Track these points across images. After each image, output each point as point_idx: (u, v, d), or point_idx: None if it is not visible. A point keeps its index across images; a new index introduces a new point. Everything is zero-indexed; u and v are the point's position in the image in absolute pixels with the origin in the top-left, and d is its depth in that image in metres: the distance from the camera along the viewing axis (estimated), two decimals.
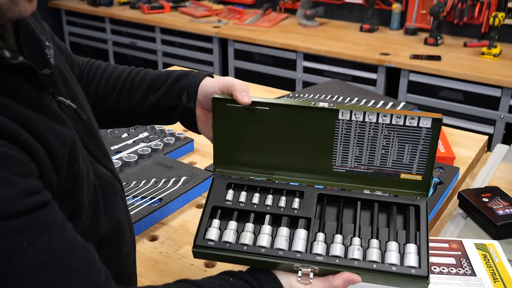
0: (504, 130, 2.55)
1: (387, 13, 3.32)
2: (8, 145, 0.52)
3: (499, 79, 2.47)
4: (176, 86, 0.90)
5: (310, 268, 0.74)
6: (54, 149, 0.59)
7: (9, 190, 0.51)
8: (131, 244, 0.83)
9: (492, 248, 0.97)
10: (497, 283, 0.87)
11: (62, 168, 0.60)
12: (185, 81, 0.90)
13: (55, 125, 0.61)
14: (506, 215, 1.08)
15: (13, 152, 0.52)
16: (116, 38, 3.90)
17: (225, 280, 0.73)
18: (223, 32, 3.29)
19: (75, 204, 0.64)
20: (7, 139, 0.52)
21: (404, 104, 1.74)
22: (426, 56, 2.73)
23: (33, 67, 0.59)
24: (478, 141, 1.55)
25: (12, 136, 0.53)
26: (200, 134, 0.93)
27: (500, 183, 1.29)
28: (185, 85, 0.89)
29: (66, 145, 0.61)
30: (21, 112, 0.56)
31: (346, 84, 1.99)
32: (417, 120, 0.78)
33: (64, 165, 0.61)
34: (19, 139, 0.54)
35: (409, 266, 0.73)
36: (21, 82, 0.59)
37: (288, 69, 3.14)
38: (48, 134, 0.58)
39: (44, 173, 0.57)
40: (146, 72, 0.95)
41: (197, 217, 1.15)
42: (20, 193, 0.51)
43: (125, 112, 0.94)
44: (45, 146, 0.57)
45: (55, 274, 0.54)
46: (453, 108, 2.66)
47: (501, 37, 2.92)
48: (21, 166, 0.53)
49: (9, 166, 0.51)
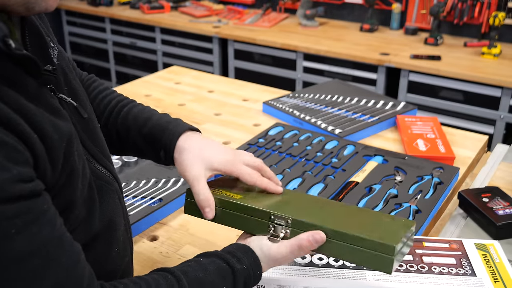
0: (504, 130, 2.55)
1: (387, 13, 3.32)
2: (5, 132, 0.53)
3: (499, 79, 2.47)
4: (154, 145, 0.88)
5: (281, 228, 0.77)
6: (51, 142, 0.59)
7: (2, 175, 0.51)
8: (127, 244, 0.84)
9: (492, 248, 0.97)
10: (497, 283, 0.87)
11: (58, 161, 0.61)
12: (160, 138, 0.87)
13: (54, 119, 0.62)
14: (506, 215, 1.08)
15: (10, 139, 0.53)
16: (116, 38, 3.89)
17: (195, 260, 0.75)
18: (223, 32, 3.29)
19: (68, 198, 0.64)
20: (5, 126, 0.54)
21: (404, 104, 1.74)
22: (426, 56, 2.72)
23: (36, 61, 0.60)
24: (478, 141, 1.55)
25: (10, 124, 0.54)
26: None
27: (500, 183, 1.29)
28: (161, 144, 0.87)
29: (63, 139, 0.62)
30: (21, 103, 0.57)
31: (346, 84, 1.99)
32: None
33: (60, 158, 0.61)
34: (17, 128, 0.55)
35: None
36: (24, 75, 0.60)
37: (288, 69, 3.14)
38: (46, 126, 0.59)
39: (39, 164, 0.57)
40: (130, 114, 0.92)
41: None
42: (13, 178, 0.52)
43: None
44: (42, 138, 0.58)
45: (40, 266, 0.54)
46: (453, 108, 2.66)
47: (501, 37, 2.92)
48: (16, 153, 0.54)
49: (4, 152, 0.52)
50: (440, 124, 1.60)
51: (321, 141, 1.48)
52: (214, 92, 1.97)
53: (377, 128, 1.60)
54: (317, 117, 1.64)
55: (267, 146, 1.45)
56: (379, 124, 1.61)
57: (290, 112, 1.68)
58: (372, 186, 1.24)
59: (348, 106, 1.74)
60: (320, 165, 1.35)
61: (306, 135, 1.51)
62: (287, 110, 1.69)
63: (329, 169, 1.32)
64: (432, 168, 1.31)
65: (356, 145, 1.44)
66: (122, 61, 3.92)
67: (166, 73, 2.21)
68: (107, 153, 0.81)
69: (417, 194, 1.20)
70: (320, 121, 1.61)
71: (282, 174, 1.30)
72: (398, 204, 1.17)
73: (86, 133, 0.74)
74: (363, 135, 1.56)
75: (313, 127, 1.58)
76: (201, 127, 1.64)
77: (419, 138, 1.49)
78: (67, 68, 0.77)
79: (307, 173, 1.30)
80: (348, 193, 1.20)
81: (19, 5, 0.59)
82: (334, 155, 1.39)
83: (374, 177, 1.27)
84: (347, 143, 1.46)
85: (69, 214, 0.65)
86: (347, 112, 1.69)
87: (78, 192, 0.66)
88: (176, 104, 1.84)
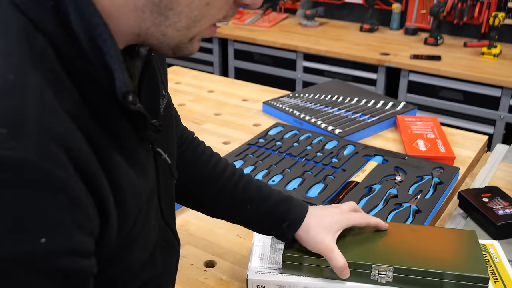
0: (504, 130, 2.55)
1: (387, 13, 3.32)
2: (85, 192, 0.46)
3: (499, 79, 2.47)
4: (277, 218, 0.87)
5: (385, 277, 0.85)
6: (127, 207, 0.54)
7: (59, 238, 0.43)
8: None
9: (492, 248, 0.97)
10: (497, 283, 0.87)
11: (126, 227, 0.55)
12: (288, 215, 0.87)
13: (137, 180, 0.56)
14: (506, 215, 1.08)
15: (88, 201, 0.46)
16: None
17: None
18: (223, 32, 3.29)
19: (128, 262, 0.60)
20: (88, 187, 0.47)
21: (404, 104, 1.74)
22: (426, 56, 2.73)
23: (147, 117, 0.55)
24: (478, 141, 1.55)
25: (95, 189, 0.48)
26: None
27: (500, 183, 1.29)
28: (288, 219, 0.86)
29: (139, 204, 0.57)
30: (116, 160, 0.52)
31: (346, 84, 1.99)
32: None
33: (130, 224, 0.56)
34: (98, 190, 0.48)
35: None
36: (130, 131, 0.55)
37: (288, 69, 3.14)
38: (127, 189, 0.53)
39: (106, 232, 0.51)
40: (248, 181, 0.91)
41: (197, 217, 1.15)
42: (69, 249, 0.44)
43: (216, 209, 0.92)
44: (118, 202, 0.52)
45: None
46: (453, 108, 2.66)
47: (501, 37, 2.92)
48: (86, 220, 0.46)
49: (75, 213, 0.45)
50: (440, 124, 1.60)
51: (321, 141, 1.48)
52: (214, 92, 1.97)
53: (377, 128, 1.60)
54: (317, 117, 1.64)
55: (267, 146, 1.45)
56: (379, 124, 1.61)
57: (290, 112, 1.68)
58: (372, 186, 1.24)
59: (348, 106, 1.74)
60: (320, 165, 1.35)
61: (306, 135, 1.51)
62: (287, 110, 1.69)
63: (329, 169, 1.32)
64: (432, 168, 1.31)
65: (356, 145, 1.44)
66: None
67: None
68: (174, 211, 0.78)
69: (417, 194, 1.20)
70: (320, 121, 1.61)
71: (282, 174, 1.30)
72: (398, 204, 1.16)
73: (165, 191, 0.69)
74: (363, 135, 1.56)
75: (313, 127, 1.58)
76: (201, 127, 1.65)
77: (419, 138, 1.49)
78: (169, 121, 0.72)
79: (307, 173, 1.30)
80: (348, 193, 1.20)
81: (168, 48, 0.57)
82: (334, 155, 1.39)
83: (374, 177, 1.27)
84: (347, 143, 1.46)
85: (122, 277, 0.60)
86: (347, 112, 1.69)
87: (139, 255, 0.62)
88: (176, 104, 1.84)
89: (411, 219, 1.11)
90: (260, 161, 1.36)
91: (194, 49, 0.60)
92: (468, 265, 0.83)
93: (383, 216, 1.12)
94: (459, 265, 0.83)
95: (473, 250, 0.87)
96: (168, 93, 0.73)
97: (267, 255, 0.93)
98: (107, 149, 0.51)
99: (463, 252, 0.88)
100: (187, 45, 0.58)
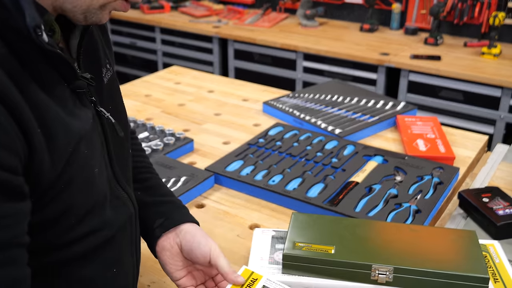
0: (504, 130, 2.55)
1: (387, 13, 3.31)
2: (6, 116, 0.54)
3: (499, 79, 2.47)
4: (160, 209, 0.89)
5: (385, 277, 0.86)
6: (56, 140, 0.60)
7: None
8: (130, 267, 0.82)
9: (492, 248, 0.97)
10: (497, 283, 0.87)
11: (60, 160, 0.61)
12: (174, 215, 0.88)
13: (69, 120, 0.63)
14: (506, 215, 1.08)
15: (7, 124, 0.54)
16: (116, 38, 3.89)
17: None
18: (223, 32, 3.29)
19: (68, 203, 0.64)
20: (9, 111, 0.54)
21: (404, 104, 1.74)
22: (426, 56, 2.72)
23: (69, 62, 0.63)
24: (478, 141, 1.55)
25: (15, 112, 0.55)
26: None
27: (500, 183, 1.29)
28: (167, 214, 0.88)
29: (71, 140, 0.63)
30: (41, 98, 0.59)
31: (346, 84, 1.99)
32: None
33: (63, 158, 0.62)
34: (20, 116, 0.56)
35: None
36: (53, 72, 0.62)
37: (288, 69, 3.13)
38: (56, 125, 0.60)
39: (35, 156, 0.58)
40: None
41: (197, 217, 1.14)
42: None
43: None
44: (46, 134, 0.59)
45: None
46: (453, 108, 2.66)
47: (501, 37, 2.92)
48: (6, 137, 0.54)
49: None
50: (440, 124, 1.60)
51: (321, 141, 1.48)
52: (214, 92, 1.97)
53: (377, 128, 1.60)
54: (317, 117, 1.64)
55: (267, 146, 1.45)
56: (379, 124, 1.61)
57: (290, 112, 1.68)
58: (372, 186, 1.24)
59: (348, 106, 1.74)
60: (320, 165, 1.35)
61: (306, 135, 1.51)
62: (287, 110, 1.69)
63: (329, 169, 1.32)
64: (432, 168, 1.31)
65: (356, 145, 1.44)
66: (122, 61, 3.92)
67: (166, 73, 2.21)
68: (130, 177, 0.82)
69: (417, 194, 1.20)
70: (320, 121, 1.61)
71: (282, 174, 1.30)
72: (398, 204, 1.17)
73: (117, 152, 0.75)
74: (363, 135, 1.56)
75: (313, 127, 1.58)
76: (201, 127, 1.64)
77: (419, 138, 1.49)
78: (116, 92, 0.80)
79: (307, 173, 1.30)
80: (348, 193, 1.20)
81: (80, 12, 0.63)
82: (334, 155, 1.39)
83: (374, 177, 1.27)
84: (347, 143, 1.46)
85: (63, 221, 0.65)
86: (347, 112, 1.69)
87: (79, 199, 0.66)
88: (176, 104, 1.84)
89: (411, 219, 1.11)
90: (260, 161, 1.36)
91: (104, 19, 0.65)
92: (468, 265, 0.83)
93: (383, 216, 1.12)
94: (459, 265, 0.83)
95: (473, 250, 0.87)
96: (114, 70, 0.81)
97: (267, 255, 0.93)
98: (30, 87, 0.58)
99: (463, 252, 0.88)
100: (96, 12, 0.64)
